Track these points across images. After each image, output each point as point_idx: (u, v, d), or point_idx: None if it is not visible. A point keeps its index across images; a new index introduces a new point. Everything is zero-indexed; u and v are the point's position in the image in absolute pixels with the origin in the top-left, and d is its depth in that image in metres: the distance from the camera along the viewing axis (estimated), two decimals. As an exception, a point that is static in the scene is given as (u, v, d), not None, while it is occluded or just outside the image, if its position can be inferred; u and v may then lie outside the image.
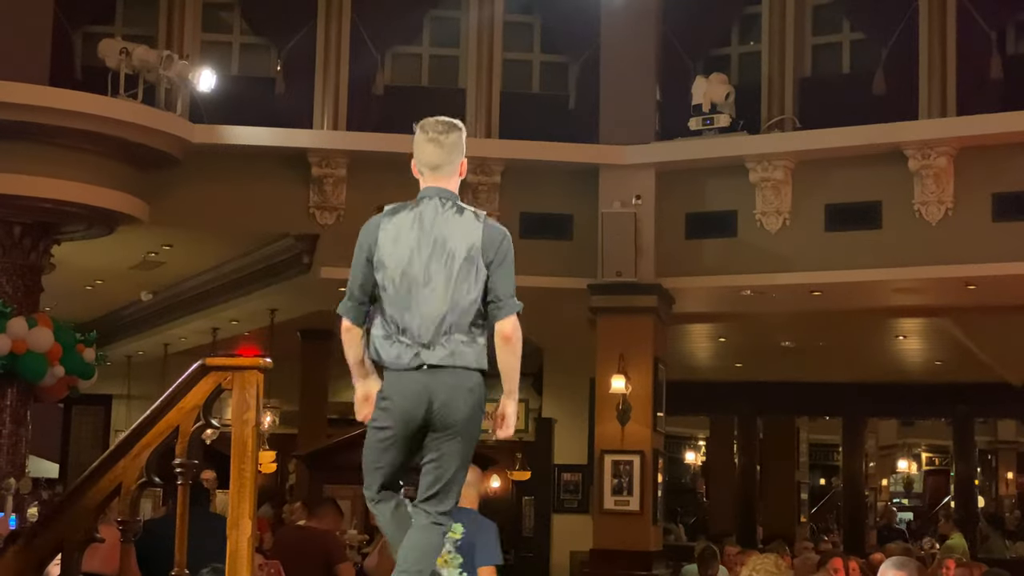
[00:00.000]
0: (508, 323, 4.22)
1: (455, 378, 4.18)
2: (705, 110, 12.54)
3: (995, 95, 11.80)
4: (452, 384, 4.17)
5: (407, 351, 4.20)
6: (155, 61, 11.69)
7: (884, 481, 31.23)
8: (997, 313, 13.44)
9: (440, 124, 4.36)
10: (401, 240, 4.23)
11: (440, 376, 4.18)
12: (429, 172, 4.34)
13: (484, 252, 4.22)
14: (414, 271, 4.20)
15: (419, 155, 4.36)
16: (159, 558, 4.74)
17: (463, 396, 4.18)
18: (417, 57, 13.55)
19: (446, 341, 4.18)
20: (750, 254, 12.39)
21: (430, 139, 4.34)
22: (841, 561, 9.85)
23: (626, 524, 12.46)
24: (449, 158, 4.34)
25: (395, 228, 4.26)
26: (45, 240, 11.57)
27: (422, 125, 4.37)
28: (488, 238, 4.24)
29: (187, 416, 4.41)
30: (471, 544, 6.75)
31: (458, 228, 4.23)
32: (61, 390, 11.54)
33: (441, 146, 4.33)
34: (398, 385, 4.22)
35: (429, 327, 4.18)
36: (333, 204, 12.34)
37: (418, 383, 4.19)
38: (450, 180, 4.35)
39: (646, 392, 12.57)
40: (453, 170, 4.36)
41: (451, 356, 4.18)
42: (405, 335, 4.21)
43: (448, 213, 4.26)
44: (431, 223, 4.24)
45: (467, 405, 4.19)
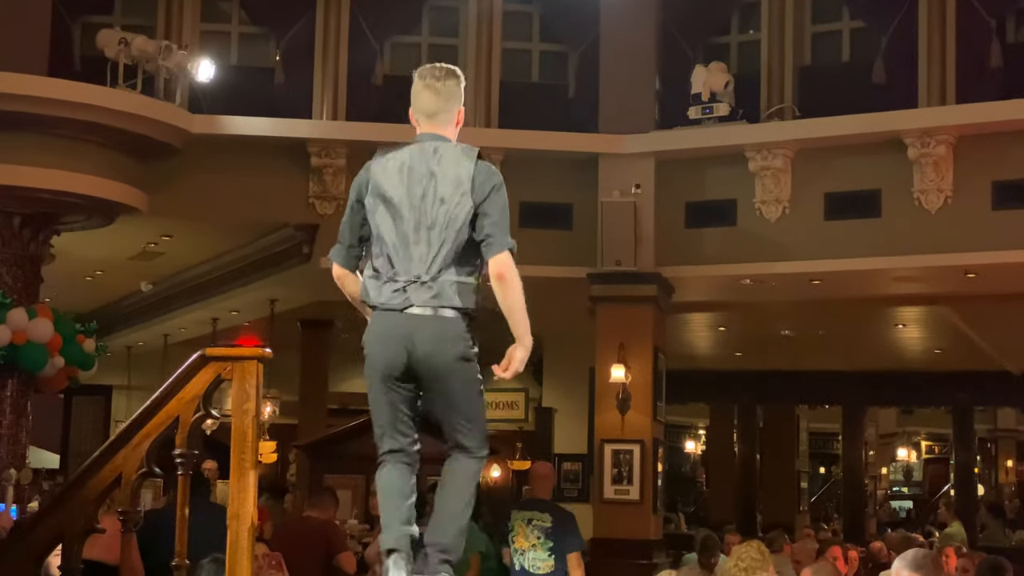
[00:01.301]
0: (500, 260, 4.10)
1: (438, 326, 4.08)
2: (704, 99, 12.53)
3: (995, 83, 11.79)
4: (434, 333, 4.07)
5: (396, 291, 4.12)
6: (154, 51, 11.68)
7: (884, 469, 31.26)
8: (997, 301, 13.45)
9: (437, 70, 4.30)
10: (392, 181, 4.19)
11: (422, 323, 4.08)
12: (425, 119, 4.29)
13: (475, 190, 4.13)
14: (404, 211, 4.15)
15: (415, 102, 4.30)
16: (160, 548, 4.75)
17: (445, 345, 4.08)
18: (416, 47, 13.53)
19: (434, 282, 4.09)
20: (750, 243, 12.39)
21: (427, 85, 4.28)
22: (840, 550, 9.87)
23: (626, 513, 12.47)
24: (446, 105, 4.28)
25: (386, 170, 4.22)
26: (45, 231, 11.57)
27: (419, 72, 4.32)
28: (479, 176, 4.16)
29: (187, 406, 4.41)
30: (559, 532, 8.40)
31: (449, 167, 4.16)
32: (61, 381, 11.55)
33: (437, 93, 4.27)
34: (379, 328, 4.15)
35: (419, 266, 4.11)
36: (333, 194, 12.33)
37: (399, 328, 4.10)
38: (446, 128, 4.29)
39: (646, 381, 12.57)
40: (449, 118, 4.30)
41: (438, 297, 4.09)
42: (395, 275, 4.14)
43: (440, 153, 4.19)
44: (421, 163, 4.18)
45: (451, 354, 4.08)
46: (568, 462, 15.44)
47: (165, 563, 4.50)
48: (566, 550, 8.45)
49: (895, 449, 31.32)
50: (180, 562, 4.40)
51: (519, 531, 8.55)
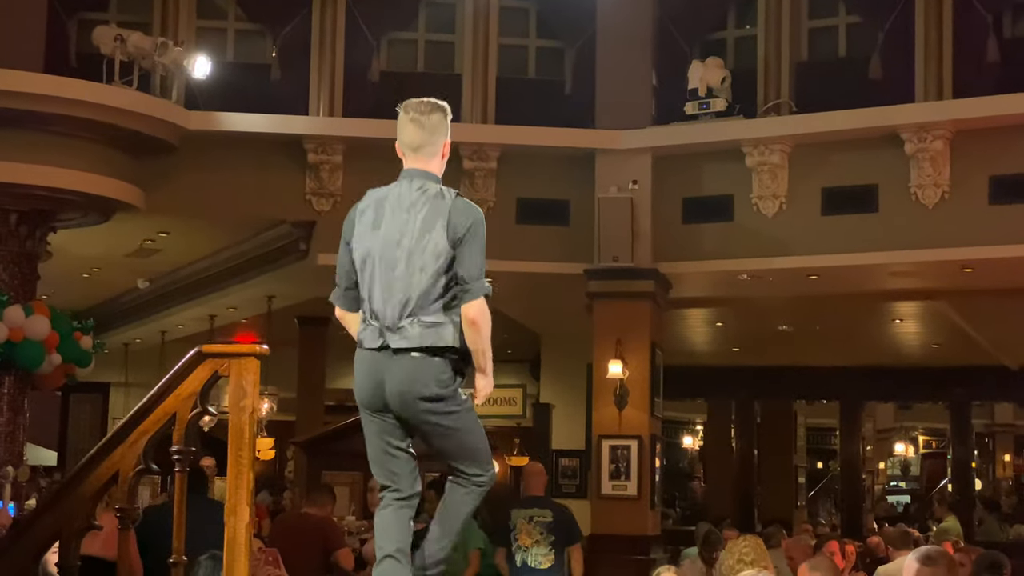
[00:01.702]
0: (474, 307, 4.14)
1: (410, 366, 4.12)
2: (701, 94, 12.52)
3: (992, 78, 11.78)
4: (405, 373, 4.12)
5: (374, 333, 4.18)
6: (150, 48, 11.65)
7: (881, 464, 31.30)
8: (994, 296, 13.45)
9: (422, 104, 4.33)
10: (372, 223, 4.24)
11: (398, 361, 4.13)
12: (410, 153, 4.32)
13: (450, 231, 4.15)
14: (381, 253, 4.19)
15: (401, 136, 4.34)
16: (160, 544, 4.74)
17: (414, 386, 4.12)
18: (413, 43, 13.52)
19: (410, 324, 4.13)
20: (747, 238, 12.39)
21: (411, 119, 4.31)
22: (837, 544, 9.87)
23: (624, 509, 12.48)
24: (430, 139, 4.31)
25: (369, 212, 4.27)
26: (41, 228, 11.56)
27: (405, 105, 4.36)
28: (456, 216, 4.17)
29: (184, 403, 4.41)
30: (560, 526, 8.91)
31: (426, 208, 4.19)
32: (58, 378, 11.54)
33: (422, 127, 4.30)
34: (360, 366, 4.23)
35: (395, 309, 4.15)
36: (330, 190, 12.33)
37: (374, 365, 4.17)
38: (430, 162, 4.31)
39: (643, 377, 12.58)
40: (434, 151, 4.32)
41: (414, 339, 4.13)
42: (375, 318, 4.19)
43: (420, 194, 4.22)
44: (400, 205, 4.22)
45: (421, 394, 4.12)
46: (566, 458, 15.44)
47: (165, 559, 4.50)
48: (567, 544, 8.94)
49: (892, 444, 31.37)
50: (178, 559, 4.40)
51: (521, 528, 8.94)
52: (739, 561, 7.59)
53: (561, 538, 8.94)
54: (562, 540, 8.96)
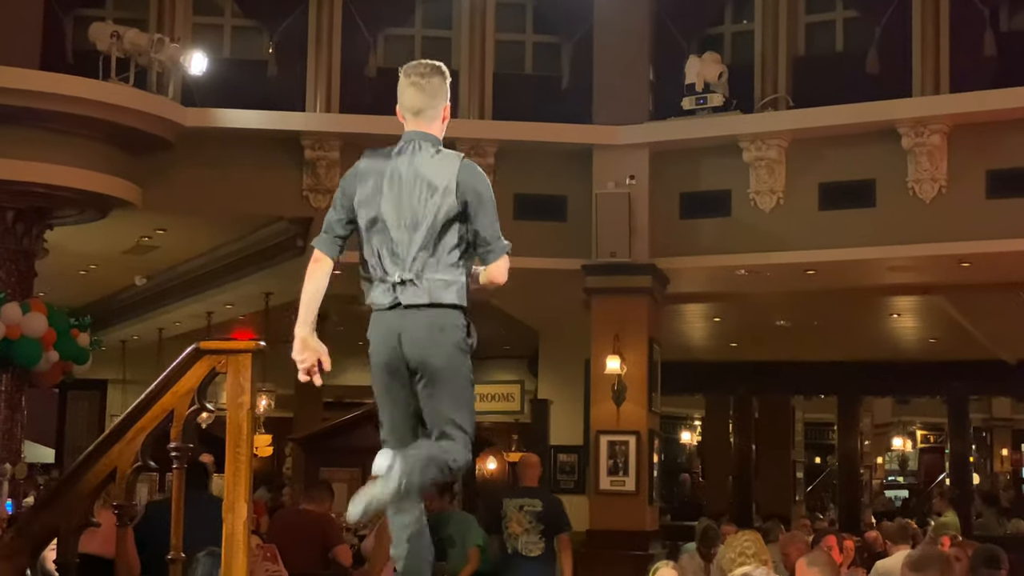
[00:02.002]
0: (500, 267, 4.23)
1: (427, 317, 4.11)
2: (698, 89, 12.51)
3: (988, 72, 11.78)
4: (423, 323, 4.11)
5: (386, 291, 4.17)
6: (146, 44, 11.64)
7: (879, 459, 31.32)
8: (991, 291, 13.46)
9: (422, 67, 4.33)
10: (379, 180, 4.22)
11: (412, 316, 4.12)
12: (411, 116, 4.31)
13: (461, 191, 4.16)
14: (391, 211, 4.18)
15: (401, 99, 4.33)
16: (160, 540, 4.73)
17: (435, 335, 4.10)
18: (410, 39, 13.50)
19: (421, 280, 4.13)
20: (744, 233, 12.39)
21: (412, 82, 4.31)
22: (835, 539, 9.88)
23: (622, 504, 12.49)
24: (431, 102, 4.31)
25: (374, 169, 4.26)
26: (38, 225, 11.54)
27: (404, 69, 4.35)
28: (465, 177, 4.19)
29: (182, 400, 4.41)
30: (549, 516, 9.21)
31: (435, 168, 4.20)
32: (56, 375, 11.52)
33: (422, 90, 4.30)
34: (375, 328, 4.21)
35: (406, 266, 4.14)
36: (326, 187, 12.31)
37: (390, 324, 4.15)
38: (432, 124, 4.31)
39: (641, 373, 12.58)
40: (435, 115, 4.32)
41: (426, 294, 4.12)
42: (385, 275, 4.18)
43: (426, 154, 4.23)
44: (408, 163, 4.22)
45: (441, 344, 4.10)
46: (564, 453, 15.43)
47: (165, 555, 4.49)
48: (556, 532, 9.23)
49: (890, 439, 31.39)
50: (176, 555, 4.40)
51: (512, 517, 9.21)
52: (740, 555, 7.61)
53: (551, 527, 9.20)
54: (551, 529, 9.21)
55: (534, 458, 9.95)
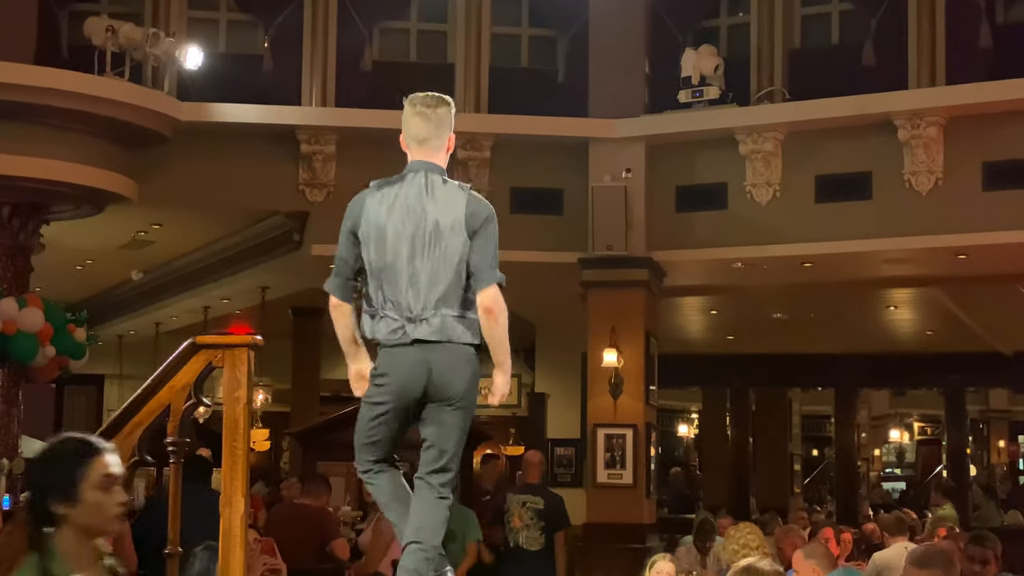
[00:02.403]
0: (488, 295, 4.18)
1: (450, 352, 4.16)
2: (694, 82, 12.51)
3: (984, 64, 11.78)
4: (448, 357, 4.16)
5: (397, 327, 4.17)
6: (142, 39, 11.62)
7: (876, 451, 31.35)
8: (988, 282, 13.47)
9: (429, 98, 4.35)
10: (386, 214, 4.21)
11: (435, 350, 4.15)
12: (416, 146, 4.33)
13: (468, 224, 4.19)
14: (400, 246, 4.18)
15: (407, 129, 4.35)
16: (160, 533, 4.72)
17: (460, 368, 4.17)
18: (405, 32, 13.49)
19: (434, 316, 4.15)
20: (741, 226, 12.38)
21: (417, 112, 4.33)
22: (832, 531, 9.89)
23: (619, 497, 12.49)
24: (436, 132, 4.33)
25: (380, 202, 4.24)
26: (34, 220, 11.52)
27: (411, 99, 4.37)
28: (472, 210, 4.22)
29: (178, 395, 4.40)
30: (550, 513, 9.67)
31: (443, 201, 4.21)
32: (53, 370, 11.51)
33: (428, 120, 4.32)
34: (394, 361, 4.19)
35: (417, 302, 4.16)
36: (323, 181, 12.31)
37: (415, 357, 4.16)
38: (437, 155, 4.33)
39: (638, 366, 12.58)
40: (440, 144, 4.34)
41: (441, 331, 4.15)
42: (394, 311, 4.18)
43: (433, 187, 4.23)
44: (416, 197, 4.22)
45: (463, 378, 4.17)
46: (561, 447, 15.45)
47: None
48: (555, 530, 9.72)
49: (887, 431, 31.41)
50: (173, 549, 4.40)
51: (515, 512, 9.69)
52: (744, 547, 7.64)
53: (551, 524, 9.67)
54: (551, 526, 9.67)
55: (538, 455, 10.43)
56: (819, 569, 6.73)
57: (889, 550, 9.08)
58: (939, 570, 4.73)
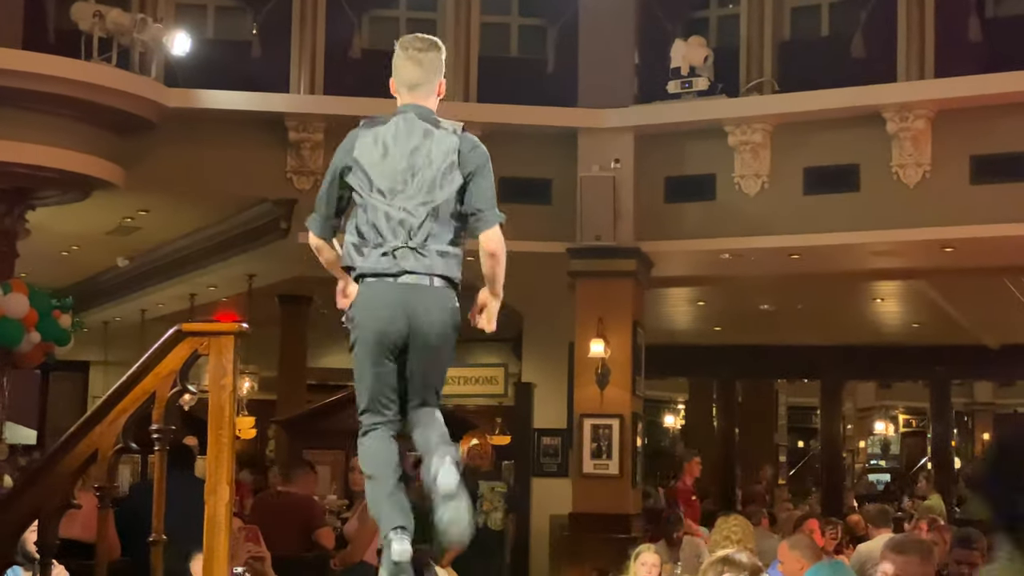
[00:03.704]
0: (492, 235, 4.14)
1: (432, 295, 4.10)
2: (684, 73, 12.50)
3: (973, 57, 11.79)
4: (429, 302, 4.09)
5: (384, 258, 4.11)
6: (129, 24, 11.57)
7: (862, 443, 31.46)
8: (974, 276, 13.50)
9: (420, 41, 4.33)
10: (378, 150, 4.19)
11: (417, 292, 4.09)
12: (407, 91, 4.30)
13: (463, 164, 4.16)
14: (392, 180, 4.15)
15: (397, 73, 4.31)
16: (144, 521, 4.70)
17: (444, 315, 4.12)
18: (394, 20, 13.45)
19: (424, 250, 4.10)
20: (729, 217, 12.39)
21: (409, 56, 4.30)
22: (817, 523, 9.92)
23: (605, 487, 12.51)
24: (427, 76, 4.30)
25: (372, 138, 4.21)
26: (20, 206, 11.48)
27: (401, 42, 4.33)
28: (465, 148, 4.19)
29: (163, 382, 4.38)
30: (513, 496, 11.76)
31: (435, 138, 4.18)
32: (38, 356, 11.49)
33: (420, 64, 4.30)
34: (373, 295, 4.13)
35: (408, 234, 4.11)
36: (311, 169, 12.27)
37: (394, 295, 4.10)
38: (428, 99, 4.30)
39: (625, 356, 12.59)
40: (431, 89, 4.32)
41: (429, 266, 4.10)
42: (382, 241, 4.13)
43: (425, 125, 4.21)
44: (408, 134, 4.19)
45: (448, 323, 4.12)
46: (547, 437, 15.42)
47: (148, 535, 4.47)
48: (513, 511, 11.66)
49: (873, 423, 31.52)
50: (157, 537, 4.38)
51: (487, 496, 11.20)
52: (725, 539, 7.66)
53: (512, 506, 11.55)
54: (511, 508, 11.57)
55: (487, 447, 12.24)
56: (803, 560, 6.75)
57: (873, 542, 9.09)
58: (916, 556, 4.76)
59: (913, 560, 4.72)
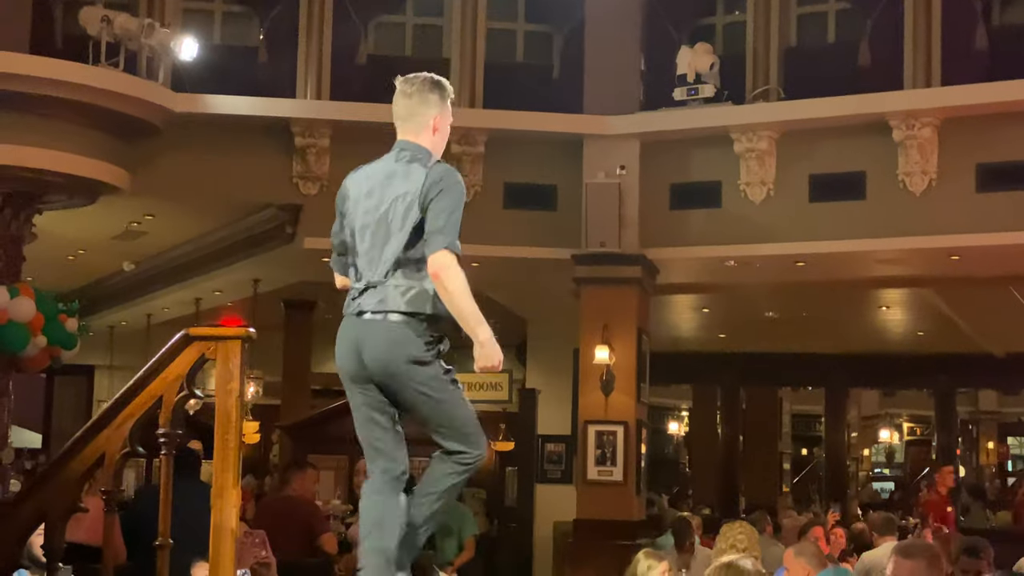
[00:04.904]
0: (435, 259, 4.06)
1: (385, 330, 4.12)
2: (690, 80, 12.50)
3: (980, 65, 11.79)
4: (382, 337, 4.12)
5: (353, 298, 4.25)
6: (136, 29, 11.58)
7: (866, 451, 31.42)
8: (980, 284, 13.48)
9: (414, 77, 4.41)
10: (358, 192, 4.32)
11: (370, 328, 4.14)
12: (399, 124, 4.40)
13: (423, 193, 4.16)
14: (362, 220, 4.26)
15: (393, 107, 4.42)
16: (150, 525, 4.71)
17: (393, 348, 4.10)
18: (400, 26, 13.47)
19: (382, 287, 4.16)
20: (734, 224, 12.38)
21: (401, 91, 4.40)
22: (822, 530, 9.92)
23: (609, 494, 12.50)
24: (418, 110, 4.35)
25: (356, 181, 4.36)
26: (27, 210, 11.49)
27: (400, 79, 4.43)
28: (430, 178, 4.18)
29: (170, 386, 4.39)
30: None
31: (403, 178, 4.23)
32: (43, 360, 11.49)
33: (409, 97, 4.37)
34: (339, 338, 4.26)
35: (371, 272, 4.20)
36: (316, 174, 12.28)
37: (351, 333, 4.21)
38: (418, 135, 4.35)
39: (630, 363, 12.58)
40: (423, 123, 4.35)
41: (383, 302, 4.14)
42: (357, 280, 4.27)
43: (402, 164, 4.27)
44: (383, 175, 4.28)
45: (400, 357, 4.10)
46: (552, 443, 15.44)
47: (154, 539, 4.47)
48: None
49: (877, 431, 31.48)
50: (163, 541, 4.39)
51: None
52: (731, 547, 7.67)
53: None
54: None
55: None
56: (809, 567, 6.75)
57: (878, 550, 9.09)
58: (923, 561, 4.76)
59: (920, 565, 4.72)
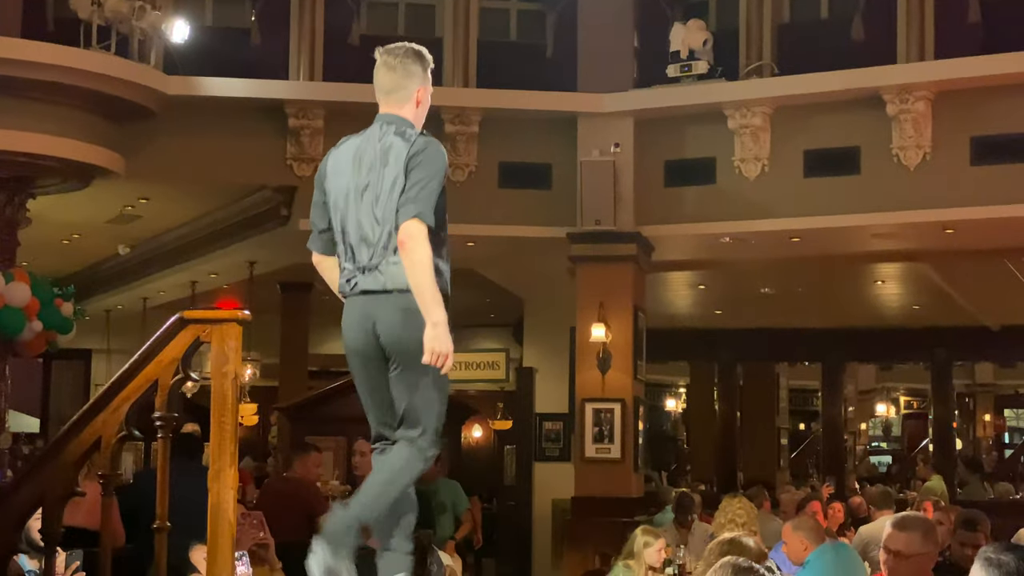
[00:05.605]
0: (404, 227, 3.98)
1: (391, 301, 4.05)
2: (683, 57, 12.48)
3: (973, 38, 11.77)
4: (389, 308, 4.05)
5: (347, 280, 4.16)
6: (128, 12, 11.54)
7: (863, 425, 31.47)
8: (975, 257, 13.50)
9: (396, 48, 4.31)
10: (341, 167, 4.21)
11: (378, 301, 4.07)
12: (382, 97, 4.29)
13: (408, 167, 4.08)
14: (350, 196, 4.16)
15: (374, 80, 4.32)
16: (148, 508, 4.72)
17: (399, 318, 4.03)
18: (393, 6, 13.44)
19: (381, 264, 4.08)
20: (729, 201, 12.39)
21: (383, 62, 4.30)
22: (820, 504, 9.95)
23: (607, 471, 12.53)
24: (402, 83, 4.26)
25: (338, 156, 4.25)
26: (20, 194, 11.47)
27: (380, 49, 4.34)
28: (412, 151, 4.11)
29: (166, 369, 4.39)
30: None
31: (391, 150, 4.14)
32: (40, 345, 11.48)
33: (393, 70, 4.27)
34: (345, 315, 4.18)
35: (365, 250, 4.11)
36: (311, 155, 12.26)
37: (359, 310, 4.12)
38: (403, 107, 4.26)
39: (626, 340, 12.60)
40: (407, 96, 4.26)
41: (384, 279, 4.08)
42: (349, 262, 4.17)
43: (385, 137, 4.18)
44: (366, 148, 4.19)
45: (406, 328, 4.01)
46: (549, 421, 15.47)
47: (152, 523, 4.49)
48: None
49: (874, 405, 31.52)
50: (161, 524, 4.40)
51: None
52: (730, 521, 7.70)
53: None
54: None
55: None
56: (807, 541, 6.78)
57: (875, 524, 9.13)
58: (918, 533, 4.78)
59: (915, 537, 4.74)
